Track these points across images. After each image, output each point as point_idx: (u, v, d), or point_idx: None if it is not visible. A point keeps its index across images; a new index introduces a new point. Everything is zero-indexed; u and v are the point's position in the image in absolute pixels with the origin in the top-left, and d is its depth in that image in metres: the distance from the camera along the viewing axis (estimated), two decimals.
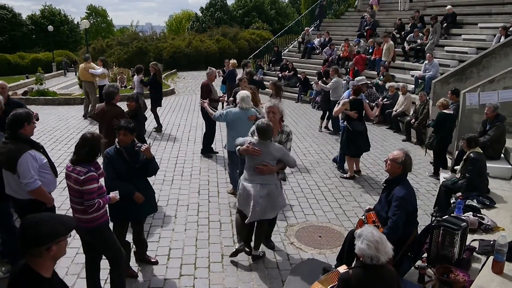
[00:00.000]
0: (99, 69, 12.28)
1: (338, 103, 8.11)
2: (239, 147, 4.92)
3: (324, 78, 12.21)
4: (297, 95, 16.07)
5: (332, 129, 11.42)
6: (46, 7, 51.13)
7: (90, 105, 12.37)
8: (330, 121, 11.57)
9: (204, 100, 7.40)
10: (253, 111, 6.54)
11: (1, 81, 6.74)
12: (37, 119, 6.62)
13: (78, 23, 50.86)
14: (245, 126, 5.98)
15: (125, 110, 6.65)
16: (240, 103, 6.41)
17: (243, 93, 6.57)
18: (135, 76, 11.82)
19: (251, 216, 4.78)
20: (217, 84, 10.75)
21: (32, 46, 43.54)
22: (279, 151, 4.84)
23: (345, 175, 8.11)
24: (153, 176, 4.77)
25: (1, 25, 42.39)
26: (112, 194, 4.05)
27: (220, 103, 9.68)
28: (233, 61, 13.39)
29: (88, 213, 3.83)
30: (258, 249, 5.21)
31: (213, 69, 9.53)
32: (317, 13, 21.59)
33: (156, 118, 11.22)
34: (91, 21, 55.84)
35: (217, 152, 9.23)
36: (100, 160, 4.08)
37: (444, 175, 7.25)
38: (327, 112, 11.46)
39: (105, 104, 6.36)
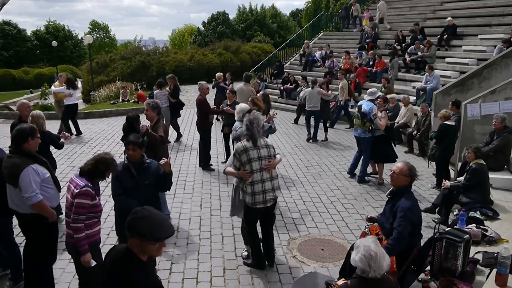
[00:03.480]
0: (60, 88, 11.75)
1: (375, 117, 8.13)
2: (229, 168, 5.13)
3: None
4: None
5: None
6: (50, 23, 51.73)
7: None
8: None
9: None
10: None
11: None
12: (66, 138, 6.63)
13: (81, 38, 51.36)
14: None
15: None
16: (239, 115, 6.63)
17: (243, 105, 6.85)
18: (157, 90, 11.35)
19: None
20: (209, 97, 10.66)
21: (37, 62, 43.90)
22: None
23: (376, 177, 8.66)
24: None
25: (6, 41, 42.90)
26: (87, 257, 3.81)
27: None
28: (219, 74, 14.00)
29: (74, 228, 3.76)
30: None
31: (203, 82, 9.71)
32: (343, 14, 21.95)
33: (177, 128, 11.78)
34: (94, 36, 56.41)
35: (214, 169, 9.21)
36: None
37: None
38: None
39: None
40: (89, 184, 3.80)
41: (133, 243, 2.48)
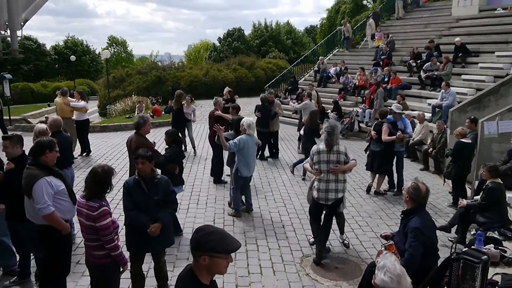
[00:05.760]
0: (81, 102, 11.25)
1: None
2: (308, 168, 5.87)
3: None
4: None
5: None
6: (69, 38, 52.82)
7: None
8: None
9: (221, 127, 7.07)
10: (256, 138, 7.29)
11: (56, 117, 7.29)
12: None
13: (99, 53, 52.29)
14: (253, 151, 7.10)
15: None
16: (247, 130, 6.94)
17: (249, 120, 7.07)
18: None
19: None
20: None
21: (55, 75, 44.73)
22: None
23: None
24: None
25: (26, 55, 43.84)
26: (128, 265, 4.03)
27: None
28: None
29: (103, 248, 3.80)
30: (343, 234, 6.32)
31: (220, 98, 9.88)
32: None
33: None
34: (112, 51, 57.38)
35: (226, 182, 9.21)
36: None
37: None
38: None
39: (134, 134, 6.34)
40: (102, 202, 3.80)
41: (201, 262, 2.34)
